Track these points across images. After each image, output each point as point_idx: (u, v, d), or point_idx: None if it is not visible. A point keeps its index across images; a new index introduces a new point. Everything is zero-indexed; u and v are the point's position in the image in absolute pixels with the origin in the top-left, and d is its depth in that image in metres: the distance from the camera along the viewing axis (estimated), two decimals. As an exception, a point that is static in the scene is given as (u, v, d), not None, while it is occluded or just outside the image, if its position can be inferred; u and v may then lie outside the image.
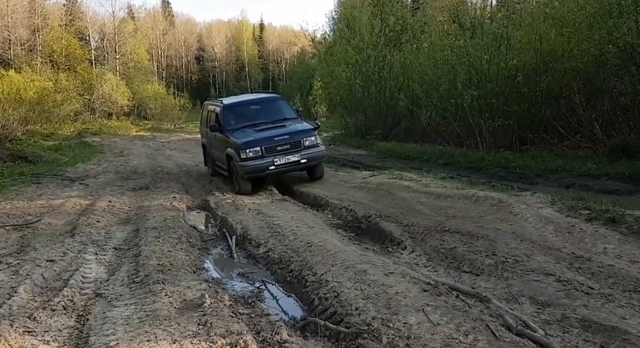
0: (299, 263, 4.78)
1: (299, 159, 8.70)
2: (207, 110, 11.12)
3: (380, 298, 3.67)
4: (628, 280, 3.70)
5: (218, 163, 10.44)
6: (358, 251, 4.86)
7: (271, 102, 10.48)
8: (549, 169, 8.05)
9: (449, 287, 3.86)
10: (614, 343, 2.99)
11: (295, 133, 8.89)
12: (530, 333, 3.15)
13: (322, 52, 26.23)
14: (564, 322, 3.32)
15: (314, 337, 3.52)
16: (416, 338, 3.12)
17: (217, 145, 9.97)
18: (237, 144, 8.71)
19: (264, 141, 8.64)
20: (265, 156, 8.55)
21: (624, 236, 4.37)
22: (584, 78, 10.27)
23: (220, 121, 9.62)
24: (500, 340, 3.02)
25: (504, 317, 3.36)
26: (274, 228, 6.06)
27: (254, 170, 8.56)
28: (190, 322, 3.55)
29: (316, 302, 4.01)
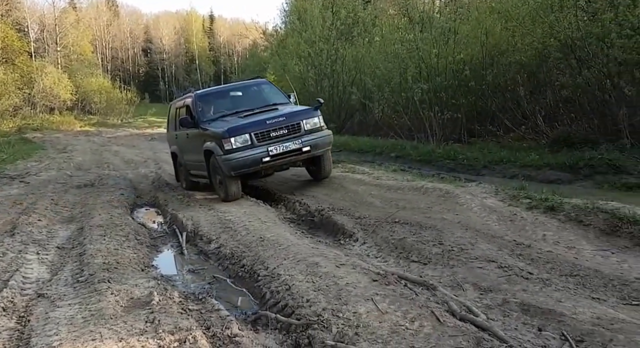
0: (251, 258, 4.76)
1: (300, 145, 6.85)
2: (174, 109, 9.04)
3: (331, 290, 3.71)
4: (564, 265, 3.90)
5: (194, 171, 8.18)
6: (311, 244, 4.88)
7: (255, 87, 8.52)
8: (494, 160, 8.35)
9: (398, 277, 3.94)
10: (550, 325, 3.14)
11: (292, 114, 7.07)
12: (473, 318, 3.26)
13: (275, 45, 26.04)
14: (505, 306, 3.46)
15: (265, 330, 3.53)
16: (365, 327, 3.18)
17: (191, 145, 7.88)
18: (218, 133, 6.89)
19: (253, 126, 6.82)
20: (256, 145, 6.72)
21: (561, 223, 4.59)
22: (527, 71, 10.68)
23: (193, 113, 7.66)
24: (444, 325, 3.11)
25: (449, 303, 3.46)
26: (226, 224, 5.99)
27: (244, 164, 6.69)
28: (137, 320, 3.48)
29: (268, 295, 4.01)
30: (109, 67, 54.61)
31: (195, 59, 62.87)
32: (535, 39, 10.24)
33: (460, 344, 2.88)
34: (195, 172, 8.15)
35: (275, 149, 6.77)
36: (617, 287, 3.53)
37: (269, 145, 6.78)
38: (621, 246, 4.15)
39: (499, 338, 2.99)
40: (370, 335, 3.08)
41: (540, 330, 3.10)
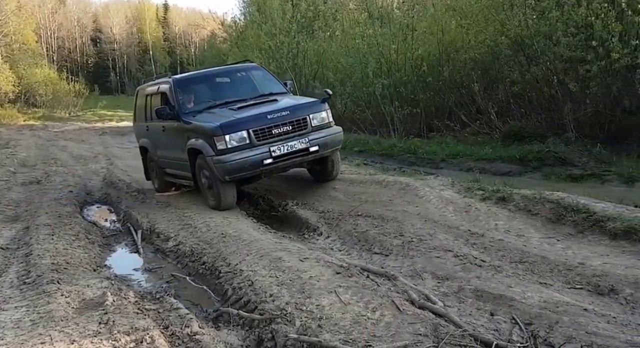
0: (212, 255, 4.74)
1: (307, 145, 5.82)
2: (144, 98, 7.64)
3: (295, 284, 3.77)
4: (514, 253, 4.11)
5: (171, 171, 7.04)
6: (274, 239, 4.92)
7: (245, 72, 7.22)
8: (452, 154, 8.63)
9: (360, 268, 4.05)
10: (501, 310, 3.32)
11: (297, 108, 6.00)
12: (431, 305, 3.41)
13: (234, 37, 25.64)
14: (460, 293, 3.63)
15: (227, 326, 3.54)
16: (328, 319, 3.26)
17: (168, 140, 6.72)
18: (209, 129, 5.74)
19: (252, 121, 5.72)
20: (256, 144, 5.65)
21: (511, 213, 4.83)
22: (481, 68, 11.04)
23: (172, 103, 6.44)
24: (404, 313, 3.24)
25: (409, 292, 3.60)
26: (185, 221, 5.92)
27: (241, 168, 5.58)
28: (90, 321, 3.42)
29: (230, 292, 4.02)
30: (55, 57, 52.18)
31: (149, 50, 60.98)
32: (487, 36, 10.58)
33: (418, 331, 3.00)
34: (173, 172, 7.03)
35: (279, 149, 5.70)
36: (562, 272, 3.75)
37: (270, 145, 5.71)
38: (565, 233, 4.40)
39: (455, 323, 3.15)
40: (333, 327, 3.16)
41: (493, 315, 3.28)
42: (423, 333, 2.97)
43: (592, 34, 8.19)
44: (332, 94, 6.41)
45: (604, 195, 5.17)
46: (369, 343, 2.89)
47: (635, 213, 4.30)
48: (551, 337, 2.94)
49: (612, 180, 6.32)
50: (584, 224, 4.38)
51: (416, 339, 2.89)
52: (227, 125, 5.67)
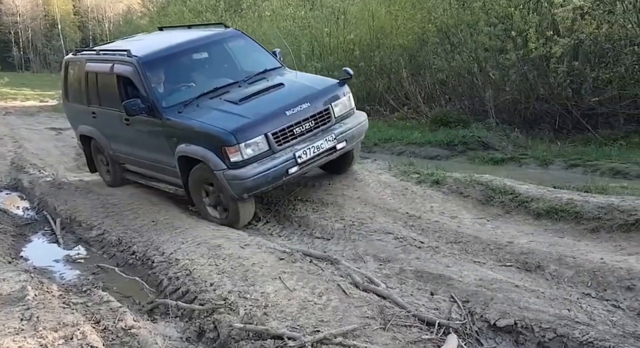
0: (143, 244, 4.51)
1: (334, 143, 4.74)
2: (83, 75, 5.96)
3: (237, 271, 3.67)
4: (450, 234, 4.27)
5: (139, 170, 5.81)
6: (211, 226, 4.76)
7: (226, 44, 5.60)
8: (384, 138, 8.79)
9: (303, 253, 4.03)
10: (440, 289, 3.45)
11: (316, 96, 4.78)
12: (375, 287, 3.47)
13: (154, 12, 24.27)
14: (401, 274, 3.73)
15: (164, 318, 3.41)
16: (273, 306, 3.21)
17: (139, 138, 5.38)
18: (216, 136, 4.42)
19: (269, 122, 4.48)
20: (276, 150, 4.47)
21: (445, 195, 5.01)
22: (409, 54, 11.29)
23: (144, 93, 4.94)
24: (350, 297, 3.27)
25: (352, 275, 3.63)
26: (109, 208, 5.56)
27: (262, 183, 4.42)
28: (10, 318, 3.15)
29: (165, 282, 3.86)
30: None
31: (57, 24, 56.23)
32: (415, 24, 10.83)
33: (365, 314, 3.04)
34: (143, 172, 5.71)
35: (304, 152, 4.53)
36: (494, 251, 3.95)
37: (294, 148, 4.53)
38: (494, 214, 4.64)
39: (398, 304, 3.23)
40: (279, 314, 3.12)
41: (433, 295, 3.41)
42: (370, 316, 3.01)
43: (511, 24, 8.63)
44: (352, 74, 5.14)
45: (524, 177, 5.51)
46: (317, 329, 2.88)
47: (555, 194, 4.61)
48: (487, 313, 3.10)
49: (529, 163, 6.74)
50: (511, 205, 4.64)
51: (364, 322, 2.92)
52: (241, 131, 4.35)
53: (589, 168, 6.02)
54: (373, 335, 2.77)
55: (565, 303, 3.12)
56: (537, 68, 8.56)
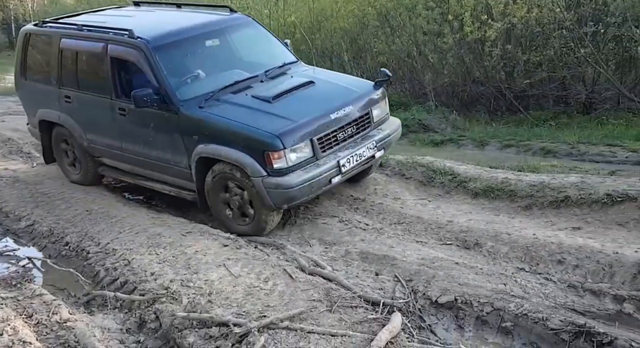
0: (77, 234, 4.29)
1: (374, 151, 4.34)
2: (49, 49, 5.21)
3: (179, 260, 3.57)
4: (393, 215, 4.35)
5: (117, 163, 5.09)
6: (150, 214, 4.58)
7: (239, 31, 5.03)
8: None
9: (248, 239, 3.96)
10: (385, 269, 3.52)
11: (357, 99, 4.37)
12: (321, 270, 3.48)
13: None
14: (347, 256, 3.77)
15: (102, 310, 3.30)
16: (218, 293, 3.15)
17: (135, 131, 4.69)
18: (261, 138, 3.90)
19: (313, 123, 4.05)
20: (320, 157, 4.04)
21: (388, 177, 5.09)
22: (350, 37, 11.30)
23: (154, 82, 4.30)
24: (296, 281, 3.27)
25: (298, 260, 3.63)
26: (39, 198, 5.22)
27: (307, 192, 3.96)
28: None
29: (102, 273, 3.70)
30: None
31: (-27, 1, 51.67)
32: (355, 6, 10.82)
33: (312, 297, 3.05)
34: (132, 169, 4.97)
35: (348, 160, 4.12)
36: (435, 230, 4.07)
37: (336, 155, 4.10)
38: (435, 195, 4.77)
39: (344, 286, 3.26)
40: (224, 301, 3.06)
41: (378, 275, 3.47)
42: (317, 299, 3.01)
43: (447, 8, 8.83)
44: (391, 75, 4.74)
45: (463, 158, 5.70)
46: (264, 314, 2.86)
47: (491, 173, 4.80)
48: (429, 291, 3.20)
49: (467, 144, 6.98)
50: (450, 185, 4.78)
51: (311, 305, 2.93)
52: (287, 134, 3.88)
53: (522, 148, 6.31)
54: (320, 318, 2.78)
55: (502, 278, 3.27)
56: (473, 51, 8.83)
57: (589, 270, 3.22)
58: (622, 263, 3.13)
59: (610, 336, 2.52)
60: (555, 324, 2.70)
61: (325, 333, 2.59)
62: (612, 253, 3.23)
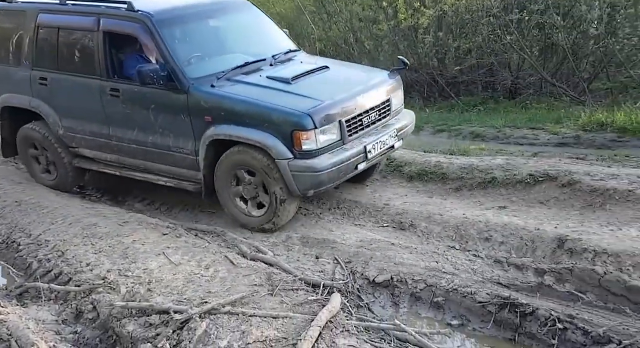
0: (7, 227, 4.11)
1: (395, 140, 4.20)
2: (22, 26, 4.71)
3: (116, 250, 3.50)
4: (332, 200, 4.45)
5: (99, 153, 4.62)
6: (84, 204, 4.43)
7: (242, 14, 4.81)
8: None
9: (188, 228, 3.93)
10: (325, 253, 3.62)
11: (379, 83, 4.24)
12: (262, 256, 3.53)
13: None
14: (288, 241, 3.84)
15: (36, 302, 3.20)
16: (158, 282, 3.12)
17: (129, 115, 4.29)
18: (290, 116, 3.66)
19: (341, 104, 3.84)
20: (347, 141, 3.85)
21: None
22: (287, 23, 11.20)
23: (163, 58, 3.99)
24: (238, 267, 3.29)
25: (239, 246, 3.66)
26: (-38, 190, 4.87)
27: (335, 178, 3.77)
28: None
29: (35, 265, 3.57)
30: None
31: None
32: (292, -9, 10.76)
33: (254, 282, 3.09)
34: (119, 160, 4.53)
35: (374, 147, 3.95)
36: (373, 214, 4.21)
37: (362, 141, 3.93)
38: (373, 179, 4.87)
39: (286, 270, 3.33)
40: (164, 289, 3.04)
41: (318, 258, 3.56)
42: (258, 284, 3.06)
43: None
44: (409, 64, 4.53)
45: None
46: (205, 300, 2.86)
47: (425, 158, 5.00)
48: (367, 272, 3.33)
49: (402, 129, 7.21)
50: (387, 169, 4.94)
51: (252, 290, 2.97)
52: (318, 113, 3.64)
53: (453, 133, 6.60)
54: (261, 302, 2.83)
55: (434, 257, 3.46)
56: (407, 39, 9.05)
57: (514, 246, 3.47)
58: (543, 239, 3.39)
59: (532, 307, 2.73)
60: (483, 298, 2.89)
61: (267, 316, 2.64)
62: (534, 230, 3.49)
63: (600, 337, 2.49)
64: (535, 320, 2.69)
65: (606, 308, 2.77)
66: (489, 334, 2.80)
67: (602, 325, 2.55)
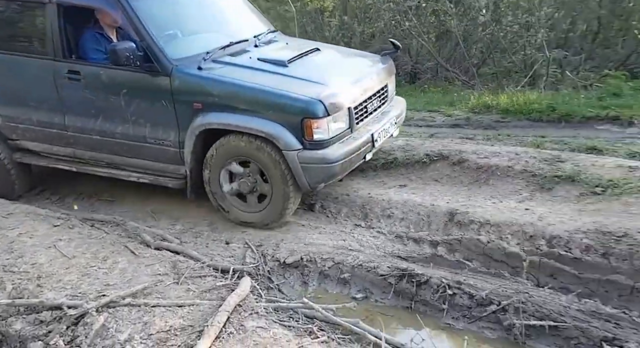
0: None
1: (395, 127, 4.02)
2: None
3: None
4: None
5: (45, 146, 4.06)
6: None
7: None
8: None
9: (84, 218, 3.67)
10: (235, 237, 3.55)
11: (375, 67, 3.98)
12: (168, 244, 3.39)
13: None
14: (196, 228, 3.73)
15: None
16: (49, 277, 2.89)
17: (92, 101, 3.73)
18: (300, 103, 3.27)
19: (347, 89, 3.52)
20: (354, 129, 3.54)
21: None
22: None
23: (137, 33, 3.49)
24: (140, 256, 3.14)
25: (142, 235, 3.49)
26: None
27: (347, 168, 3.50)
28: None
29: None
30: None
31: None
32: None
33: (157, 271, 2.96)
34: (74, 153, 3.98)
35: (379, 135, 3.70)
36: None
37: (367, 128, 3.65)
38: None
39: (193, 257, 3.23)
40: (56, 284, 2.83)
41: (228, 243, 3.50)
42: (162, 273, 2.94)
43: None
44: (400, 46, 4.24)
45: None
46: (103, 293, 2.70)
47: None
48: (278, 253, 3.33)
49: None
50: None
51: (155, 279, 2.85)
52: (330, 99, 3.28)
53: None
54: (166, 291, 2.72)
55: (342, 235, 3.55)
56: (314, 21, 9.11)
57: (412, 221, 3.64)
58: (437, 213, 3.60)
59: (426, 276, 2.91)
60: (384, 270, 3.03)
61: (171, 305, 2.55)
62: (429, 205, 3.70)
63: (483, 299, 2.71)
64: (429, 288, 2.87)
65: (488, 273, 3.02)
66: (389, 304, 2.94)
67: (484, 288, 2.77)
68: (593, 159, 3.86)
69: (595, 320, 2.51)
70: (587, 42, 7.84)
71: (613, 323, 2.50)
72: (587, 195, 3.42)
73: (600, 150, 4.21)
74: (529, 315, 2.57)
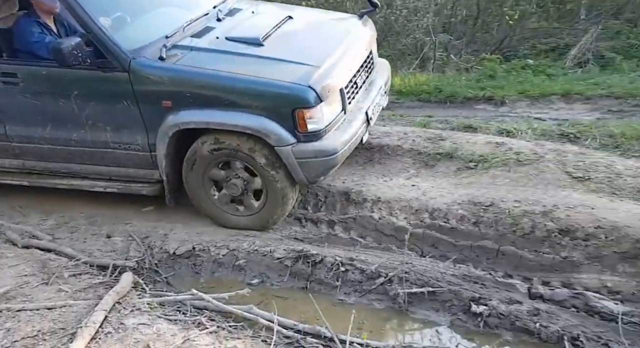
0: None
1: (384, 98, 3.63)
2: None
3: None
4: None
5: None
6: None
7: None
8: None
9: None
10: (118, 230, 3.32)
11: (358, 33, 3.49)
12: (37, 242, 3.09)
13: None
14: (72, 222, 3.42)
15: None
16: None
17: (35, 106, 3.15)
18: (288, 91, 2.80)
19: (336, 67, 3.02)
20: (347, 110, 3.10)
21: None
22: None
23: (83, 25, 2.90)
24: (3, 257, 2.85)
25: (7, 233, 3.16)
26: None
27: (346, 156, 3.08)
28: None
29: None
30: None
31: None
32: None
33: (23, 272, 2.69)
34: (31, 166, 3.46)
35: (372, 110, 3.31)
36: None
37: (360, 106, 3.25)
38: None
39: (66, 254, 2.96)
40: None
41: (110, 237, 3.24)
42: (29, 273, 2.67)
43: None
44: None
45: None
46: (-45, 302, 2.35)
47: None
48: (166, 245, 3.14)
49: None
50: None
51: (20, 281, 2.56)
52: (320, 83, 2.85)
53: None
54: (33, 293, 2.45)
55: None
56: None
57: (310, 203, 3.60)
58: (333, 193, 3.60)
59: (321, 255, 2.89)
60: (280, 254, 2.96)
61: (39, 308, 2.30)
62: (326, 186, 3.66)
63: (372, 273, 2.77)
64: (324, 267, 2.86)
65: (379, 248, 3.10)
66: (285, 286, 2.90)
67: (374, 262, 2.83)
68: (468, 136, 4.08)
69: (466, 282, 2.67)
70: (469, 27, 8.32)
71: (480, 284, 2.67)
72: (462, 169, 3.61)
73: (475, 128, 4.46)
74: (411, 283, 2.66)
